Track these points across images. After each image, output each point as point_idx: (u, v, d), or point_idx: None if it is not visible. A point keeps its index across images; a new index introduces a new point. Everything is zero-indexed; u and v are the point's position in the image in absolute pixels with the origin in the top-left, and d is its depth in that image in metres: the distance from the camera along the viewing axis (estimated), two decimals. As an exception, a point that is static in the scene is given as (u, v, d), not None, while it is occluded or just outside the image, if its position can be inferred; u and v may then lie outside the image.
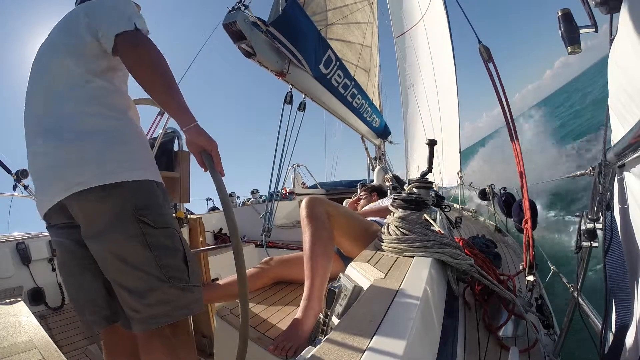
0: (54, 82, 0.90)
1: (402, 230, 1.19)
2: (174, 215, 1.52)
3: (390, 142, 5.55)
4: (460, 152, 7.31)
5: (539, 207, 2.35)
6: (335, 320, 0.88)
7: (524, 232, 1.57)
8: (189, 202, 1.81)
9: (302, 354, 0.73)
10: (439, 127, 7.26)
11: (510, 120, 1.62)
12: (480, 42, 1.84)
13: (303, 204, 1.32)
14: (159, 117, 1.95)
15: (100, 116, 0.87)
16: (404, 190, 1.39)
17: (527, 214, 1.56)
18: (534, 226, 1.71)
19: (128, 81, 1.03)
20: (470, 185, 5.93)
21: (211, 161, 0.87)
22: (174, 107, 0.85)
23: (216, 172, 0.87)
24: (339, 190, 5.30)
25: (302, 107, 3.01)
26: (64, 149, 0.83)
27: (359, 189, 3.05)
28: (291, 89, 2.83)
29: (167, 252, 0.85)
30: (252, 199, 4.89)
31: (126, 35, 0.85)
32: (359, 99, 3.75)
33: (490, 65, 1.73)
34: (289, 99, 2.86)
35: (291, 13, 2.40)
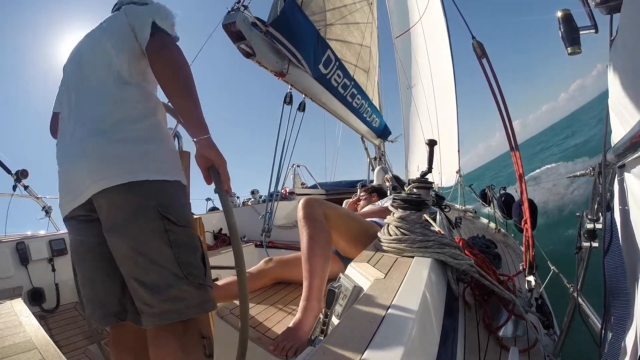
0: (91, 82, 0.92)
1: (402, 230, 1.19)
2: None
3: (391, 141, 5.55)
4: (459, 150, 7.32)
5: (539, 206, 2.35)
6: (335, 320, 0.88)
7: (524, 232, 1.57)
8: (188, 202, 1.81)
9: (302, 354, 0.73)
10: (437, 126, 7.27)
11: (506, 117, 1.61)
12: (473, 37, 1.83)
13: (300, 205, 1.32)
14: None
15: (135, 117, 0.89)
16: (404, 190, 1.40)
17: (527, 214, 1.56)
18: (533, 226, 1.71)
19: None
20: (470, 186, 5.93)
21: (219, 178, 0.88)
22: (191, 115, 0.87)
23: (223, 189, 0.88)
24: (339, 191, 5.30)
25: (301, 107, 3.01)
26: (100, 145, 0.85)
27: (358, 190, 3.05)
28: (291, 89, 2.83)
29: (188, 249, 0.87)
30: (252, 199, 4.89)
31: (157, 35, 0.87)
32: (358, 99, 3.76)
33: (485, 61, 1.72)
34: (288, 99, 2.86)
35: (289, 13, 2.40)
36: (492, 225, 3.95)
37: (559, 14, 0.92)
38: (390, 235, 1.20)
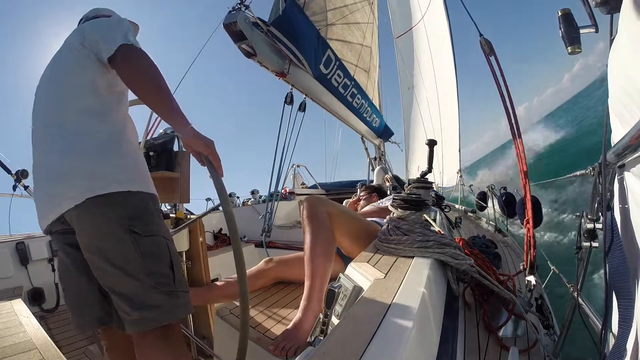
0: (56, 97, 0.95)
1: (402, 230, 1.19)
2: (174, 215, 1.53)
3: (396, 143, 5.57)
4: (459, 151, 7.32)
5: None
6: (335, 320, 0.87)
7: (526, 231, 1.57)
8: (189, 202, 1.81)
9: (302, 354, 0.73)
10: (439, 127, 7.27)
11: (513, 116, 1.60)
12: (481, 34, 1.82)
13: (304, 204, 1.32)
14: (159, 117, 1.95)
15: (98, 130, 0.92)
16: (404, 190, 1.39)
17: (529, 214, 1.55)
18: (538, 223, 1.70)
19: (128, 95, 1.08)
20: (470, 186, 5.92)
21: (211, 164, 0.89)
22: (166, 113, 0.89)
23: (216, 174, 0.89)
24: (339, 191, 5.30)
25: (302, 107, 3.01)
26: (62, 160, 0.88)
27: (358, 189, 3.05)
28: (291, 89, 2.83)
29: (155, 259, 0.90)
30: (252, 199, 4.89)
31: (120, 49, 0.89)
32: (358, 98, 3.76)
33: (492, 59, 1.71)
34: (289, 99, 2.86)
35: (290, 13, 2.41)
36: (492, 225, 3.95)
37: (559, 12, 0.92)
38: (390, 235, 1.20)
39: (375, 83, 4.99)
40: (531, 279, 1.46)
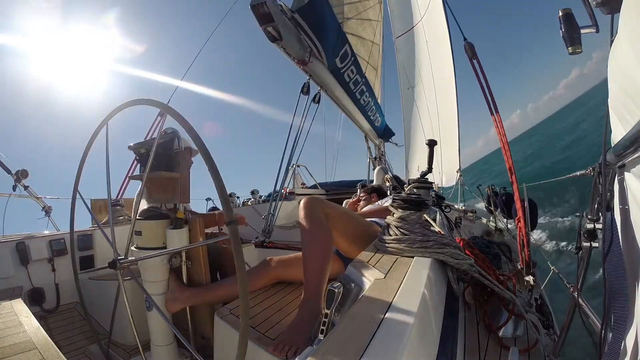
0: None
1: (401, 230, 1.19)
2: (174, 215, 1.54)
3: (396, 144, 5.57)
4: (459, 150, 7.31)
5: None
6: (335, 321, 0.87)
7: (518, 231, 1.57)
8: (189, 202, 1.81)
9: (302, 354, 0.73)
10: (439, 126, 7.27)
11: (496, 117, 1.63)
12: (465, 39, 1.85)
13: (301, 204, 1.32)
14: (159, 117, 1.95)
15: None
16: (404, 190, 1.40)
17: (520, 213, 1.55)
18: (534, 225, 1.71)
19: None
20: (479, 187, 5.91)
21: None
22: None
23: (218, 175, 0.90)
24: (339, 191, 5.29)
25: (317, 99, 2.99)
26: None
27: (358, 190, 3.04)
28: (309, 79, 2.81)
29: None
30: (252, 199, 4.88)
31: None
32: (366, 96, 3.76)
33: (475, 62, 1.75)
34: (306, 89, 2.83)
35: (317, 2, 2.39)
36: (492, 225, 3.95)
37: (560, 12, 0.92)
38: (390, 235, 1.20)
39: (379, 82, 5.00)
40: (529, 278, 1.46)
